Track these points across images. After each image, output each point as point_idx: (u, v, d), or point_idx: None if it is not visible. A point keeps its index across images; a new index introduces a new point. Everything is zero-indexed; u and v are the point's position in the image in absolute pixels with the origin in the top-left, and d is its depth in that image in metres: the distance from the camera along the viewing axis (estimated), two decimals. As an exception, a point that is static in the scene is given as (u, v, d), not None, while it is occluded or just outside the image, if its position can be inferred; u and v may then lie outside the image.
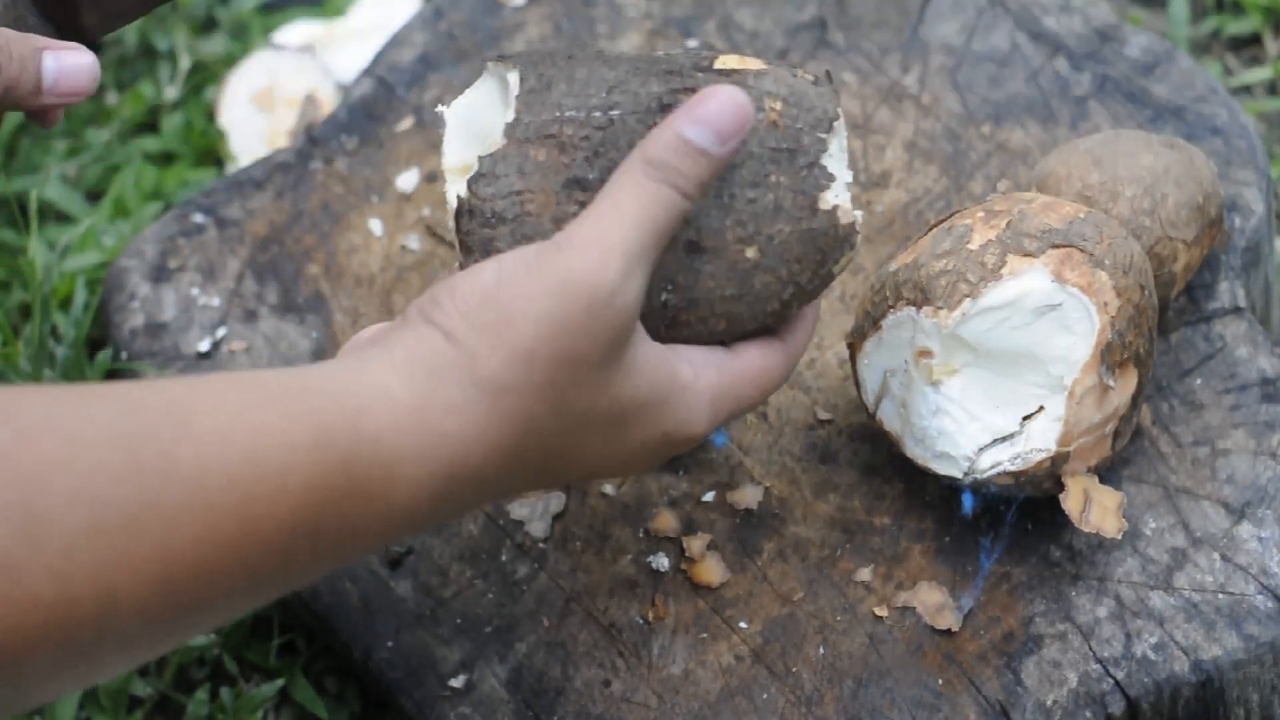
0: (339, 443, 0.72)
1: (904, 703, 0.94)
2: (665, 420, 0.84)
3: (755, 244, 0.86)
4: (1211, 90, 1.16)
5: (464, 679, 0.98)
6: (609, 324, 0.79)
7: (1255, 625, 0.95)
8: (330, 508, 0.72)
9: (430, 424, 0.76)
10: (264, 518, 0.69)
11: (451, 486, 0.77)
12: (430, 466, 0.76)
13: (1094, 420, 0.94)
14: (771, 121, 0.86)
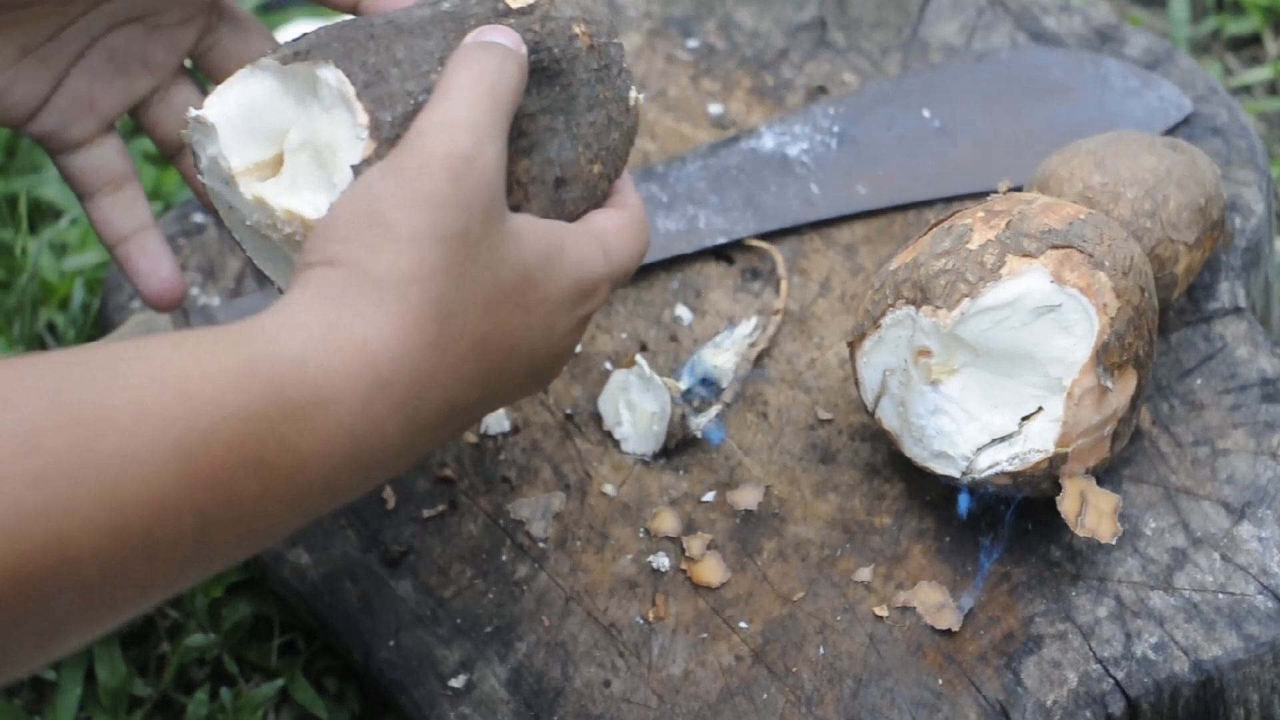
0: (264, 370, 0.73)
1: (904, 703, 0.94)
2: (567, 267, 0.84)
3: (599, 160, 0.90)
4: (1211, 90, 1.16)
5: (464, 679, 0.98)
6: (476, 192, 0.79)
7: (1255, 625, 0.95)
8: (269, 434, 0.72)
9: (346, 336, 0.75)
10: (203, 451, 0.70)
11: (389, 396, 0.76)
12: (360, 377, 0.75)
13: (1092, 421, 0.93)
14: (589, 46, 0.89)
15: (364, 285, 0.77)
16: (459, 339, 0.79)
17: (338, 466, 0.75)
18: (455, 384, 0.79)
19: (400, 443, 0.78)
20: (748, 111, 1.18)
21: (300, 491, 0.74)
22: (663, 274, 1.11)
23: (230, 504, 0.71)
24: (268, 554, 1.04)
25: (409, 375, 0.77)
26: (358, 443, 0.75)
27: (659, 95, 1.19)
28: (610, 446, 1.05)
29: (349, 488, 0.77)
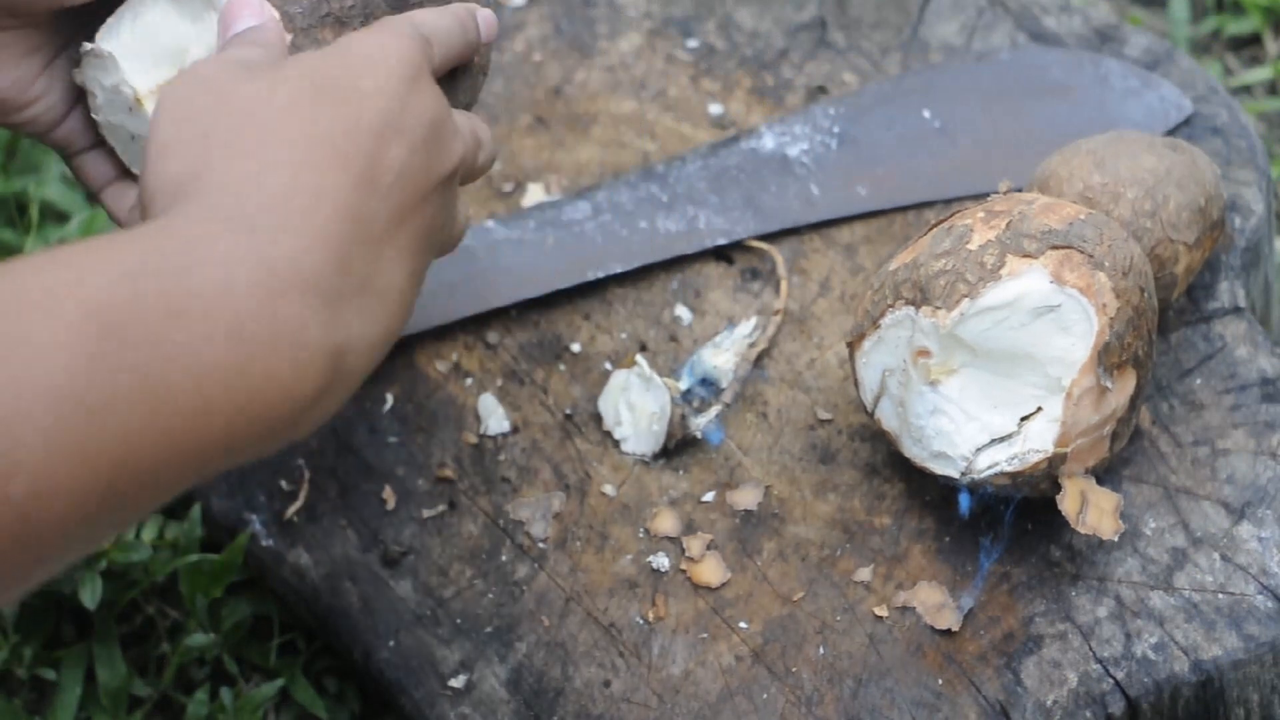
0: (149, 230, 0.73)
1: (904, 703, 0.94)
2: (367, 39, 0.82)
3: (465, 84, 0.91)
4: (1211, 90, 1.16)
5: (464, 679, 0.98)
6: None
7: (1255, 625, 0.95)
8: (167, 272, 0.70)
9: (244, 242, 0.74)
10: (111, 306, 0.68)
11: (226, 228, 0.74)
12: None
13: (1091, 421, 0.94)
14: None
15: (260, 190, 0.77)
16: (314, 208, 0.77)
17: (239, 294, 0.72)
18: (332, 190, 0.77)
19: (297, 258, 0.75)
20: (748, 111, 1.18)
21: (212, 327, 0.71)
22: (663, 274, 1.11)
23: (154, 348, 0.69)
24: (268, 554, 1.04)
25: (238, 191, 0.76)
26: (257, 253, 0.73)
27: (659, 95, 1.19)
28: (610, 446, 1.05)
29: (262, 316, 0.73)
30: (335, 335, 0.75)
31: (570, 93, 1.20)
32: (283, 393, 0.73)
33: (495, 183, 1.16)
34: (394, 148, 0.80)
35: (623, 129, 1.18)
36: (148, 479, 0.70)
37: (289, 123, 0.78)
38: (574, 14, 1.23)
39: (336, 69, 0.81)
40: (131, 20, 0.87)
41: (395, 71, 0.82)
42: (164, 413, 0.69)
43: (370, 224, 0.78)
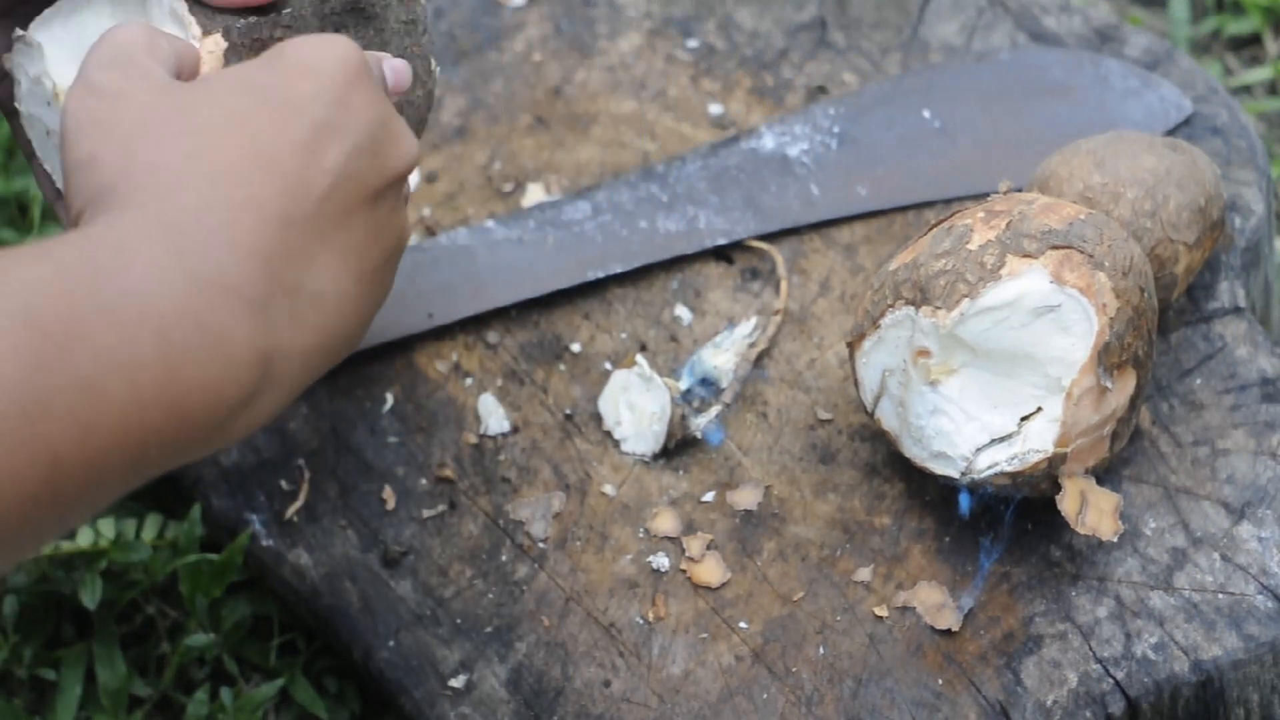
0: (79, 235, 0.74)
1: (904, 703, 0.94)
2: (303, 45, 0.82)
3: (401, 109, 0.91)
4: (1211, 90, 1.16)
5: (464, 679, 0.98)
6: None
7: (1255, 625, 0.95)
8: (95, 270, 0.71)
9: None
10: (43, 304, 0.69)
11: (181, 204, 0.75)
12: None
13: (1091, 422, 0.94)
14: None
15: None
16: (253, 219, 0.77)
17: (165, 298, 0.73)
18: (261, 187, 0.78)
19: (219, 256, 0.76)
20: (748, 111, 1.18)
21: (140, 329, 0.72)
22: (662, 274, 1.11)
23: (86, 346, 0.70)
24: (268, 554, 1.04)
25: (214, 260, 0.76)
26: (182, 260, 0.74)
27: (659, 95, 1.19)
28: (610, 446, 1.05)
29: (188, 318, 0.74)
30: (263, 340, 0.76)
31: (570, 93, 1.20)
32: (212, 395, 0.74)
33: (495, 183, 1.16)
34: (331, 151, 0.80)
35: (623, 129, 1.18)
36: (86, 477, 0.71)
37: (216, 132, 0.79)
38: (574, 14, 1.23)
39: (270, 76, 0.81)
40: (67, 14, 0.88)
41: (333, 73, 0.82)
42: (100, 410, 0.70)
43: (302, 229, 0.79)
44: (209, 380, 0.74)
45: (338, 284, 0.80)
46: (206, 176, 0.77)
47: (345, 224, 0.81)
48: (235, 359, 0.75)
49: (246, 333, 0.75)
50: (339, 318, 0.81)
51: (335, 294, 0.80)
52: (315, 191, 0.79)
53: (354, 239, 0.81)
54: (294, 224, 0.78)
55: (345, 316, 0.81)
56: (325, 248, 0.80)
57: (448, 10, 1.24)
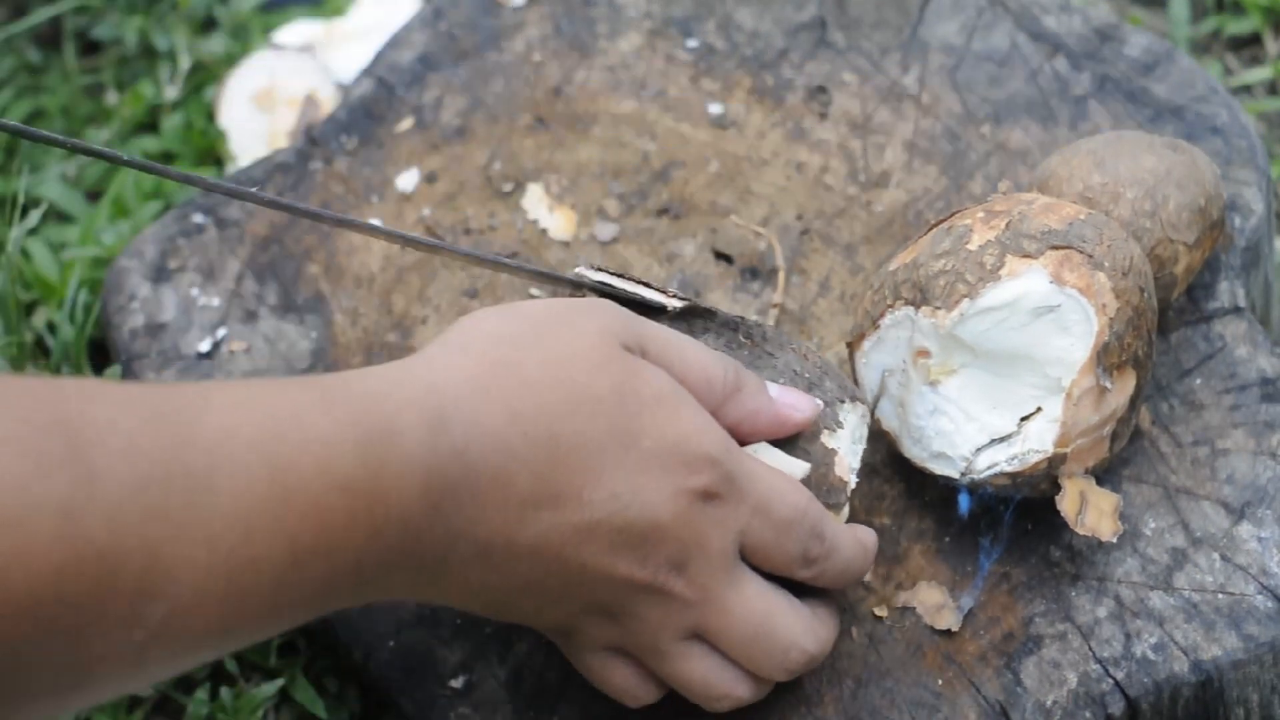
0: (341, 400, 0.76)
1: (904, 703, 0.94)
2: (677, 421, 0.83)
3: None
4: (1211, 90, 1.16)
5: (464, 679, 0.98)
6: (607, 315, 0.85)
7: (1255, 625, 0.95)
8: (351, 458, 0.74)
9: (414, 376, 0.79)
10: (290, 470, 0.72)
11: (452, 437, 0.78)
12: (425, 411, 0.78)
13: (1091, 422, 0.94)
14: (804, 355, 0.92)
15: (439, 345, 0.82)
16: (529, 418, 0.80)
17: (411, 501, 0.76)
18: (518, 464, 0.80)
19: (464, 500, 0.79)
20: (748, 111, 1.18)
21: (380, 525, 0.75)
22: (662, 274, 1.11)
23: (319, 531, 0.73)
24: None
25: (467, 423, 0.79)
26: (428, 479, 0.77)
27: (659, 95, 1.19)
28: (610, 447, 1.05)
29: (424, 535, 0.78)
30: (477, 537, 0.80)
31: (570, 93, 1.20)
32: (410, 542, 0.79)
33: (495, 183, 1.16)
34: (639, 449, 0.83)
35: (623, 129, 1.18)
36: (276, 619, 0.75)
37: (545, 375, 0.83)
38: (574, 14, 1.23)
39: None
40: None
41: (664, 454, 0.84)
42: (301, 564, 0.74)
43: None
44: (447, 548, 0.79)
45: (551, 527, 0.82)
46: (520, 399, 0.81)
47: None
48: (471, 548, 0.80)
49: (487, 524, 0.80)
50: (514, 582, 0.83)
51: (547, 534, 0.82)
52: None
53: (572, 499, 0.82)
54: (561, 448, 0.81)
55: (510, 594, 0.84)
56: (547, 486, 0.81)
57: (447, 10, 1.25)
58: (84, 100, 1.48)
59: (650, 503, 0.82)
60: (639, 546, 0.82)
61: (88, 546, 0.66)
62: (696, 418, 0.84)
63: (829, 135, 1.17)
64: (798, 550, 0.86)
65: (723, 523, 0.84)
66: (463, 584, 0.82)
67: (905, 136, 1.16)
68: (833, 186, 1.15)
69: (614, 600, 0.84)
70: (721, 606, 0.85)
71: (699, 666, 0.86)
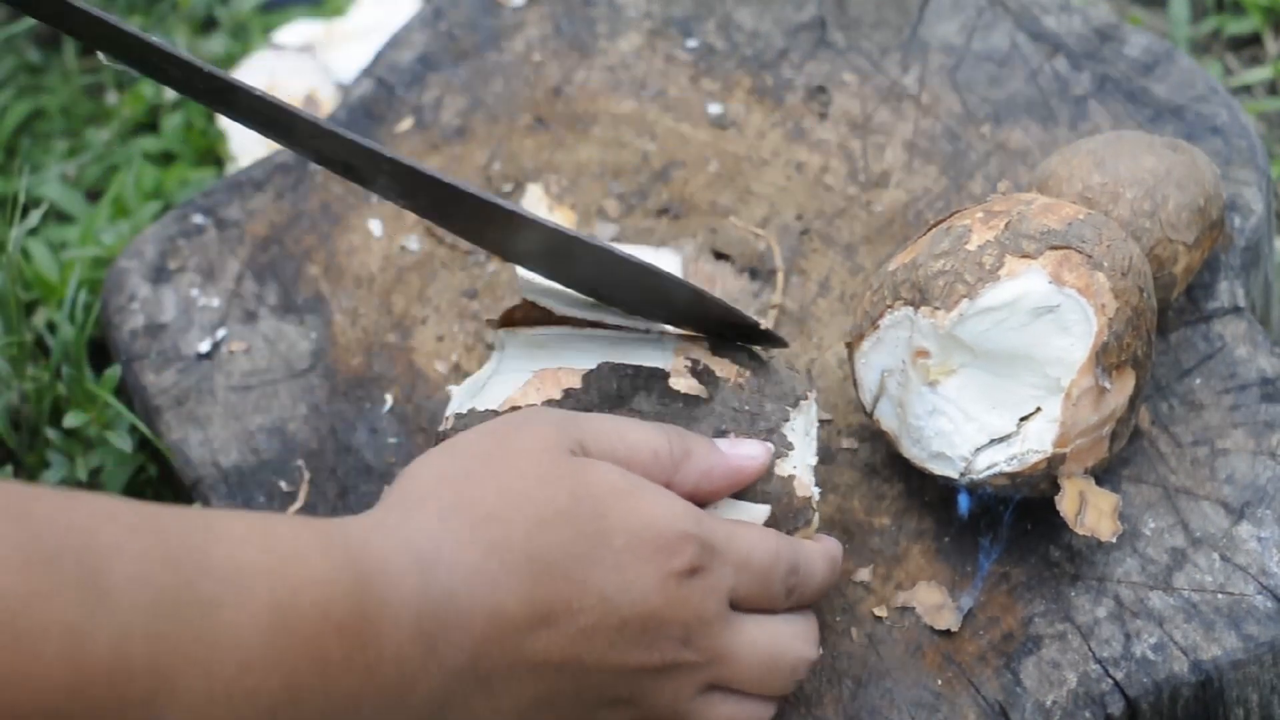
0: (339, 543, 0.78)
1: (903, 703, 0.94)
2: (639, 508, 0.85)
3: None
4: (1211, 90, 1.16)
5: (463, 679, 0.98)
6: (543, 430, 0.86)
7: (1255, 625, 0.95)
8: (348, 599, 0.76)
9: (395, 528, 0.81)
10: (292, 607, 0.74)
11: (441, 582, 0.80)
12: (412, 560, 0.80)
13: (1090, 422, 0.93)
14: (738, 384, 0.93)
15: (401, 499, 0.84)
16: (502, 546, 0.82)
17: (405, 642, 0.78)
18: (504, 592, 0.81)
19: (459, 638, 0.80)
20: (747, 111, 1.18)
21: (373, 665, 0.77)
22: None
23: (316, 669, 0.75)
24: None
25: (449, 564, 0.80)
26: (420, 621, 0.79)
27: (659, 95, 1.19)
28: (610, 447, 1.05)
29: (420, 677, 0.79)
30: (477, 673, 0.82)
31: (570, 93, 1.20)
32: (404, 686, 0.80)
33: (495, 183, 1.16)
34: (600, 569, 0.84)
35: (623, 129, 1.18)
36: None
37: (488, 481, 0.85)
38: (574, 14, 1.23)
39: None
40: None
41: (640, 546, 0.85)
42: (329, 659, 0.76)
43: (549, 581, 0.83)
44: (444, 689, 0.80)
45: (552, 648, 0.83)
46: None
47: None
48: (469, 683, 0.81)
49: (486, 659, 0.81)
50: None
51: (552, 657, 0.83)
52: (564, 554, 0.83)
53: (569, 618, 0.83)
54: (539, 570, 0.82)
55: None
56: (539, 611, 0.82)
57: (447, 10, 1.25)
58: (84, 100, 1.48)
59: (640, 595, 0.84)
60: (641, 637, 0.84)
61: (95, 667, 0.67)
62: (658, 498, 0.86)
63: (829, 135, 1.17)
64: (781, 590, 0.89)
65: (713, 590, 0.86)
66: (469, 718, 0.83)
67: (905, 136, 1.16)
68: (833, 186, 1.15)
69: (628, 689, 0.86)
70: (731, 657, 0.87)
71: (720, 713, 0.89)
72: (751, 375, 0.94)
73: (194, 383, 1.10)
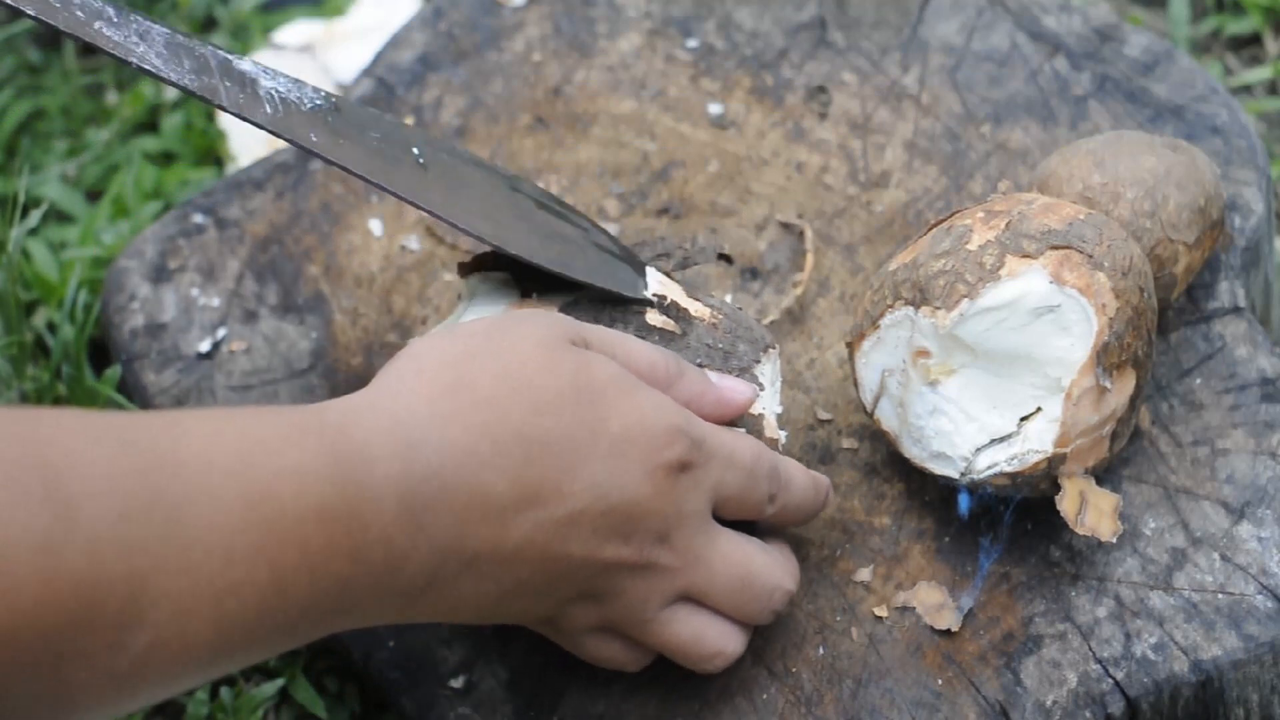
0: (314, 429, 0.78)
1: (903, 703, 0.94)
2: (636, 402, 0.85)
3: None
4: (1211, 90, 1.16)
5: (464, 679, 0.98)
6: (543, 324, 0.87)
7: (1255, 625, 0.95)
8: (326, 484, 0.76)
9: (381, 406, 0.81)
10: (268, 499, 0.74)
11: (424, 460, 0.80)
12: (394, 438, 0.80)
13: (1091, 422, 0.93)
14: (711, 324, 0.95)
15: (393, 376, 0.83)
16: (496, 428, 0.82)
17: (390, 523, 0.78)
18: (493, 472, 0.82)
19: (445, 518, 0.80)
20: (747, 111, 1.18)
21: (361, 548, 0.77)
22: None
23: (300, 558, 0.74)
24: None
25: (437, 444, 0.80)
26: (404, 501, 0.79)
27: (659, 95, 1.19)
28: (610, 447, 1.05)
29: (410, 555, 0.79)
30: (463, 552, 0.82)
31: (570, 93, 1.20)
32: (392, 564, 0.80)
33: (495, 183, 1.16)
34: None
35: (623, 129, 1.18)
36: (263, 644, 0.76)
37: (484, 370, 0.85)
38: (574, 14, 1.23)
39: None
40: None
41: (636, 437, 0.86)
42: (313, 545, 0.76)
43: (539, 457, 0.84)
44: (431, 567, 0.80)
45: (535, 527, 0.83)
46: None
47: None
48: (455, 564, 0.81)
49: (471, 536, 0.81)
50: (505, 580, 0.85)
51: (534, 536, 0.83)
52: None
53: (556, 500, 0.84)
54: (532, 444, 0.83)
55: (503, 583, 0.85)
56: (526, 492, 0.83)
57: (447, 10, 1.25)
58: (84, 100, 1.48)
59: (629, 484, 0.84)
60: (622, 528, 0.85)
61: (67, 579, 0.67)
62: (654, 395, 0.87)
63: (829, 135, 1.17)
64: (764, 491, 0.90)
65: (698, 486, 0.87)
66: (453, 598, 0.83)
67: (905, 136, 1.16)
68: (833, 186, 1.15)
69: (600, 584, 0.86)
70: (705, 565, 0.88)
71: (688, 626, 0.89)
72: (725, 318, 0.96)
73: (194, 382, 1.10)
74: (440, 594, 0.82)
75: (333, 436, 0.78)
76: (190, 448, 0.73)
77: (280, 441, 0.76)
